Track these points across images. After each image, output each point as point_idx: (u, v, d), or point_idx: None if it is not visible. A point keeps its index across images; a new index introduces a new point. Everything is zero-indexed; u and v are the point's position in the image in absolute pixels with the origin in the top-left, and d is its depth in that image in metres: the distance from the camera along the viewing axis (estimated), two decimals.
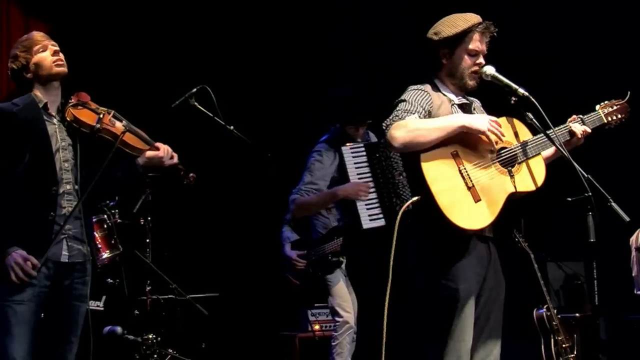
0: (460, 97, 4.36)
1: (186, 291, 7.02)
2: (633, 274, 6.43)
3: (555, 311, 6.74)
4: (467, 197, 4.13)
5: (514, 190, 4.21)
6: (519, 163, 4.28)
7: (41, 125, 4.22)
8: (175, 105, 5.72)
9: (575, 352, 6.80)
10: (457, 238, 4.14)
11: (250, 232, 7.52)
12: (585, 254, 4.59)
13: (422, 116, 4.17)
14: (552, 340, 6.74)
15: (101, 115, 4.35)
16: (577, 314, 7.09)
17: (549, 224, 7.11)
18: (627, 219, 4.26)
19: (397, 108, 4.20)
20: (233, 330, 7.56)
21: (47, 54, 4.28)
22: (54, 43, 4.35)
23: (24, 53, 4.29)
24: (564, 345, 6.73)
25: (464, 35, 4.28)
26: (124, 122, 4.45)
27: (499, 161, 4.22)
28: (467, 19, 4.31)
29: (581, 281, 7.59)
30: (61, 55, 4.32)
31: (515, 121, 4.41)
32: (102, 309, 6.20)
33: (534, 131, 4.86)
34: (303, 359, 6.90)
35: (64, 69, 4.29)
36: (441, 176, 4.11)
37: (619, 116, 4.59)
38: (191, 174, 4.64)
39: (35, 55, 4.27)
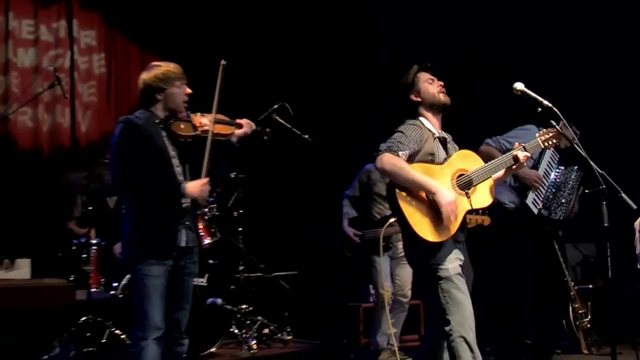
0: (439, 131, 4.51)
1: (271, 270, 7.19)
2: (637, 252, 6.42)
3: (572, 283, 6.81)
4: (433, 217, 4.27)
5: (469, 207, 4.36)
6: (474, 185, 4.39)
7: (160, 137, 4.30)
8: (260, 119, 5.98)
9: (589, 317, 6.92)
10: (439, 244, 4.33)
11: (320, 222, 7.38)
12: (599, 236, 4.72)
13: (412, 150, 4.31)
14: (571, 307, 6.83)
15: (193, 121, 4.37)
16: (590, 286, 7.23)
17: None
18: (635, 206, 4.52)
19: (395, 138, 4.36)
20: (310, 301, 7.52)
21: (180, 91, 4.34)
22: (186, 86, 4.37)
23: (163, 81, 4.30)
24: (580, 312, 6.84)
25: (420, 73, 4.55)
26: (208, 116, 4.46)
27: (457, 185, 4.35)
28: (412, 69, 4.58)
29: (593, 259, 7.67)
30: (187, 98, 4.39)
31: (470, 152, 4.54)
32: (205, 284, 6.22)
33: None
34: (366, 325, 6.91)
35: (182, 112, 4.34)
36: (412, 202, 4.28)
37: (554, 141, 4.66)
38: (267, 129, 4.69)
39: (171, 88, 4.31)
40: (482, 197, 4.45)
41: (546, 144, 4.64)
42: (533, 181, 5.68)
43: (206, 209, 6.33)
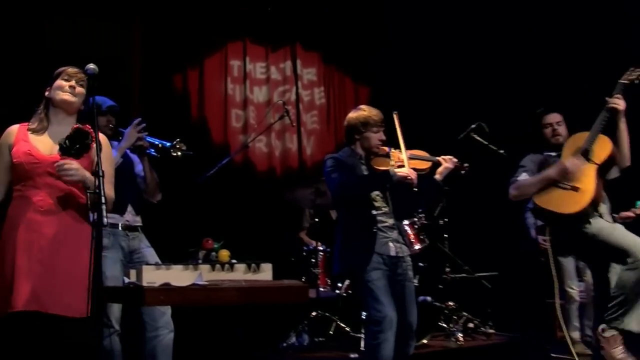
0: (555, 152, 4.97)
1: (474, 271, 7.32)
2: None
3: None
4: (571, 194, 4.64)
5: (596, 164, 4.66)
6: (590, 149, 4.67)
7: (360, 170, 4.58)
8: (460, 137, 6.27)
9: None
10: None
11: (516, 227, 6.86)
12: None
13: (531, 172, 4.87)
14: None
15: (391, 157, 4.54)
16: None
17: None
18: None
19: (516, 173, 4.92)
20: (509, 299, 7.33)
21: (376, 136, 4.55)
22: (382, 133, 4.54)
23: (363, 125, 4.53)
24: None
25: (541, 117, 5.14)
26: (407, 152, 4.54)
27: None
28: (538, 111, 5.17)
29: None
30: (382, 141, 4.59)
31: (579, 134, 4.83)
32: (417, 284, 6.04)
33: None
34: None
35: (378, 151, 4.57)
36: (545, 197, 4.72)
37: (636, 75, 4.72)
38: (465, 164, 4.72)
39: (368, 132, 4.54)
40: (601, 150, 4.70)
41: (629, 79, 4.74)
42: None
43: (415, 219, 6.45)
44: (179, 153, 4.69)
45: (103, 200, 3.24)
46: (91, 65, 3.53)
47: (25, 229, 3.54)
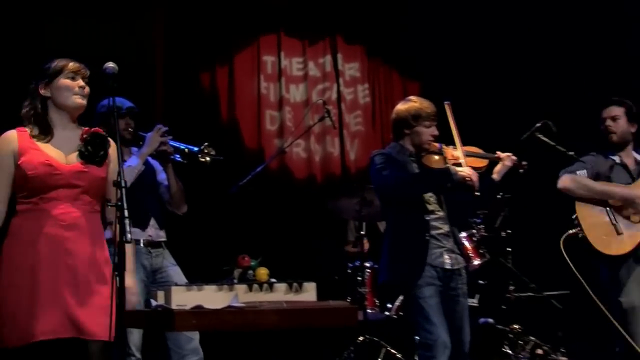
0: (619, 158, 5.09)
1: (542, 289, 7.05)
2: None
3: None
4: (611, 232, 4.76)
5: None
6: None
7: (411, 168, 4.56)
8: (524, 138, 6.03)
9: None
10: (616, 260, 4.83)
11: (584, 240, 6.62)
12: None
13: (590, 172, 4.97)
14: None
15: (445, 154, 4.52)
16: None
17: None
18: None
19: (574, 166, 5.05)
20: (584, 321, 6.93)
21: (428, 131, 4.52)
22: (435, 127, 4.53)
23: (414, 118, 4.51)
24: None
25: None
26: (462, 149, 4.55)
27: None
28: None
29: None
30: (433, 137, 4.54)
31: None
32: (477, 304, 6.38)
33: None
34: None
35: (429, 148, 4.54)
36: (590, 215, 4.88)
37: None
38: (524, 162, 4.70)
39: (419, 126, 4.51)
40: None
41: None
42: None
43: (474, 230, 6.44)
44: (208, 158, 4.67)
45: (126, 214, 3.16)
46: (110, 64, 3.43)
47: (45, 246, 3.44)
